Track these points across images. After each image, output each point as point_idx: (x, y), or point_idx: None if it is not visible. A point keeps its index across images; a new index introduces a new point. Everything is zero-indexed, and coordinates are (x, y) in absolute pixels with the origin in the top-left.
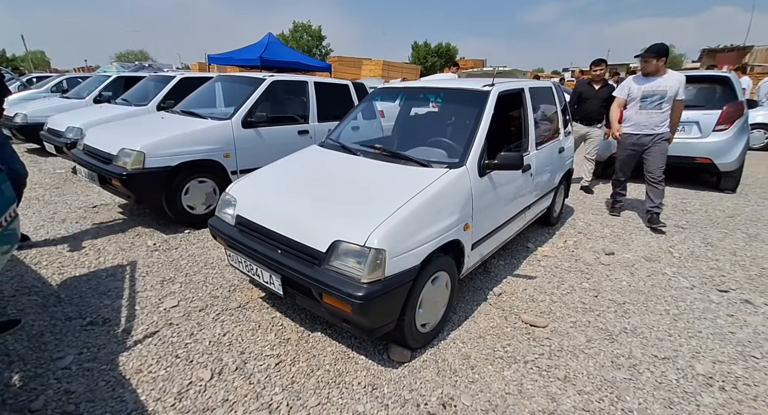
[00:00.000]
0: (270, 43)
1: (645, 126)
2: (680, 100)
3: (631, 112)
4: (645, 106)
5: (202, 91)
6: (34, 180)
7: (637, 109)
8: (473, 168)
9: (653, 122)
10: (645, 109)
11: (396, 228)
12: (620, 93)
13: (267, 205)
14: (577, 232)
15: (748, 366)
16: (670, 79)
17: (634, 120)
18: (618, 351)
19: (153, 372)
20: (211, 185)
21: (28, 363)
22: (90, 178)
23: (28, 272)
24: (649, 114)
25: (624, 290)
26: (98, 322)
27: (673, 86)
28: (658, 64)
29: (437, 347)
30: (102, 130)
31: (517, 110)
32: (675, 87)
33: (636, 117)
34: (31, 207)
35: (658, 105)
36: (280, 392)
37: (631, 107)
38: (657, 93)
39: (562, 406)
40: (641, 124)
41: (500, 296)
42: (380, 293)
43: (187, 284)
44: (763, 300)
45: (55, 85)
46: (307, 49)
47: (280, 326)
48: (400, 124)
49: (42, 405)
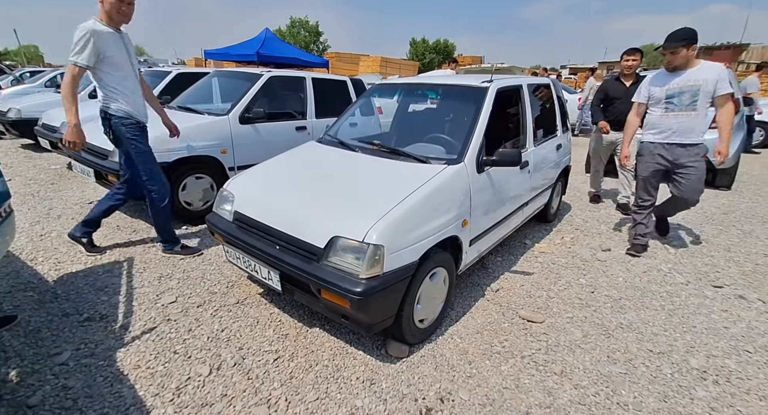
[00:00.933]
0: (267, 39)
1: (675, 133)
2: (725, 96)
3: (654, 118)
4: (673, 108)
5: (198, 86)
6: (28, 176)
7: (661, 112)
8: (471, 164)
9: (686, 127)
10: (673, 111)
11: (394, 224)
12: (638, 97)
13: (265, 201)
14: (574, 228)
15: (741, 360)
16: (704, 70)
17: (659, 126)
18: (614, 346)
19: (151, 368)
20: (208, 181)
21: (24, 359)
22: (86, 174)
23: (24, 268)
24: (679, 117)
25: (620, 285)
26: (95, 318)
27: (709, 79)
28: (689, 54)
29: (435, 343)
30: (98, 126)
31: (515, 107)
32: (712, 79)
33: (662, 122)
34: (26, 203)
35: (691, 105)
36: (279, 388)
37: (653, 112)
38: (687, 90)
39: (558, 400)
40: (670, 130)
41: (498, 292)
42: (379, 288)
43: (184, 280)
44: (757, 296)
45: (49, 80)
46: (305, 45)
47: (279, 321)
48: (399, 121)
49: (39, 401)
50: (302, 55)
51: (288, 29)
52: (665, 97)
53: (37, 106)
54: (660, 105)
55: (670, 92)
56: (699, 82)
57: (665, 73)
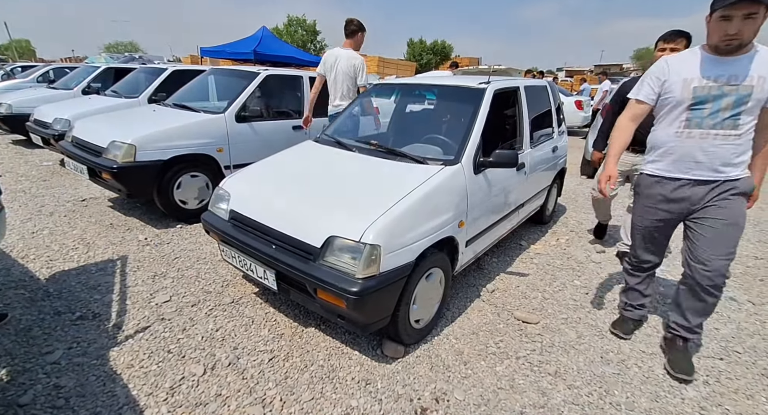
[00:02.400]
0: (264, 37)
1: (701, 163)
2: None
3: (664, 134)
4: (699, 122)
5: (194, 84)
6: (20, 172)
7: (680, 125)
8: (468, 165)
9: (721, 155)
10: (700, 126)
11: (391, 224)
12: (637, 92)
13: (261, 200)
14: (569, 230)
15: (731, 361)
16: (763, 61)
17: (673, 150)
18: (607, 347)
19: (145, 367)
20: (203, 180)
21: (15, 358)
22: (79, 171)
23: (15, 266)
24: (710, 138)
25: (614, 287)
26: (88, 316)
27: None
28: (758, 24)
29: (431, 343)
30: (91, 122)
31: (512, 108)
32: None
33: (678, 143)
34: (17, 200)
35: (732, 119)
36: (274, 387)
37: (665, 120)
38: (730, 93)
39: (552, 400)
40: (692, 159)
41: (493, 293)
42: (375, 288)
43: (179, 279)
44: (747, 297)
45: (42, 75)
46: (302, 43)
47: (274, 321)
48: (396, 121)
49: (31, 400)
50: (299, 54)
51: (285, 28)
52: (691, 99)
53: (28, 102)
54: (678, 113)
55: (702, 93)
56: (753, 81)
57: (700, 56)
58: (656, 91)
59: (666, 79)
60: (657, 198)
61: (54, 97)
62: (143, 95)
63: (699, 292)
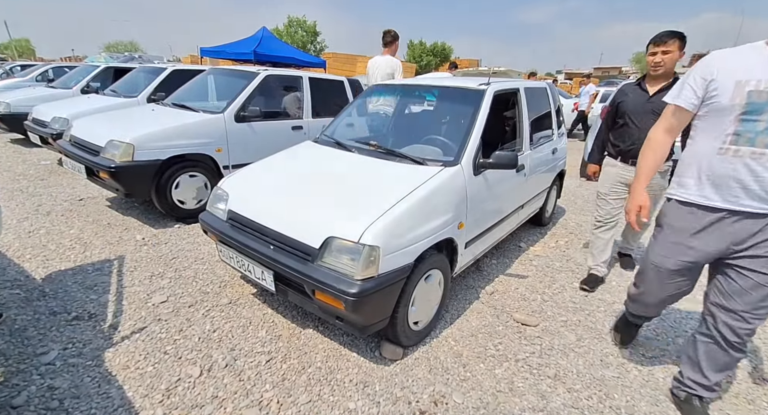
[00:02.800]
0: (264, 38)
1: (750, 190)
2: None
3: (704, 148)
4: (755, 138)
5: (194, 83)
6: (17, 171)
7: (726, 140)
8: (468, 166)
9: None
10: (755, 144)
11: (390, 225)
12: (676, 97)
13: (260, 200)
14: (568, 232)
15: None
16: None
17: (716, 171)
18: (607, 350)
19: (140, 368)
20: (202, 180)
21: (9, 358)
22: (77, 171)
23: (11, 265)
24: (764, 158)
25: (613, 289)
26: (84, 317)
27: None
28: None
29: (429, 345)
30: (90, 121)
31: (512, 110)
32: None
33: (722, 164)
34: (14, 199)
35: None
36: (271, 389)
37: (705, 132)
38: None
39: (551, 403)
40: (740, 183)
41: (492, 295)
42: (373, 290)
43: (176, 279)
44: None
45: (41, 74)
46: (302, 44)
47: (272, 322)
48: (396, 122)
49: (24, 401)
50: (299, 55)
51: (285, 28)
52: (744, 106)
53: (27, 101)
54: (724, 123)
55: (759, 99)
56: None
57: (764, 53)
58: (699, 94)
59: (713, 78)
60: (689, 232)
61: (53, 96)
62: (142, 95)
63: (725, 348)
